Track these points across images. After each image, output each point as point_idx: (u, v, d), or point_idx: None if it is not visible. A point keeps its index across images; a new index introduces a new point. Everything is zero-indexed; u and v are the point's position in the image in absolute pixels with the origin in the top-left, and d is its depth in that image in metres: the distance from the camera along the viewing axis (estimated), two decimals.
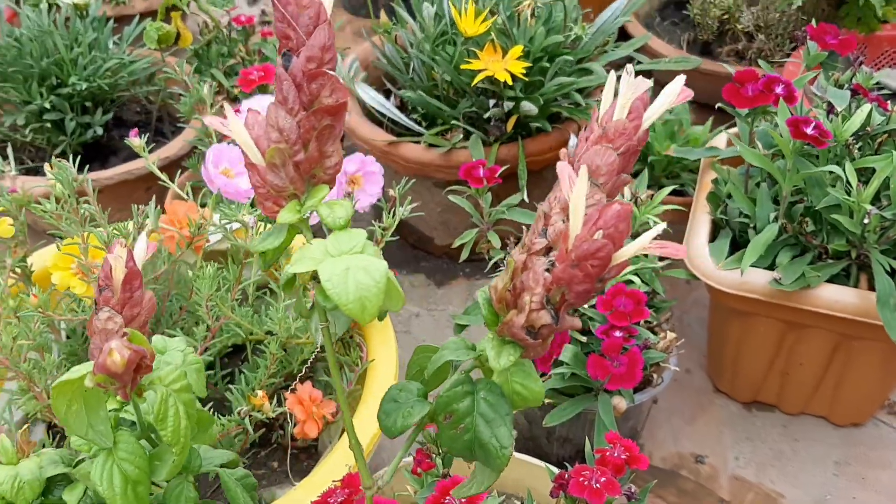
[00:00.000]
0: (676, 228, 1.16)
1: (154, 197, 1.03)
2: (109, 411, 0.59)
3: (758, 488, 1.09)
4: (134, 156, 1.43)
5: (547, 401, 0.99)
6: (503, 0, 1.23)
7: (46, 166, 1.01)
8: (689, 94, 0.50)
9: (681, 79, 0.49)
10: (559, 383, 0.97)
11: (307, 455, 1.03)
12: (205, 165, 1.06)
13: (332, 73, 0.52)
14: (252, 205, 1.00)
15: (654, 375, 1.02)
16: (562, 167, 0.49)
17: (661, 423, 1.18)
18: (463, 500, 0.76)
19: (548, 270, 0.49)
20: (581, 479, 0.75)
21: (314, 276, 0.55)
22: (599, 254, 0.46)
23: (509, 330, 0.52)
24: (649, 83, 0.49)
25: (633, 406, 1.03)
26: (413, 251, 1.48)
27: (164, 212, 1.00)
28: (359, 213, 1.18)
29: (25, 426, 0.86)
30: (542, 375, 0.99)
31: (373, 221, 0.98)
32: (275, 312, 0.95)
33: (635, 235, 1.10)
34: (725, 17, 1.72)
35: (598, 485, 0.74)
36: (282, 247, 0.55)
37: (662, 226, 0.50)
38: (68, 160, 0.99)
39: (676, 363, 1.03)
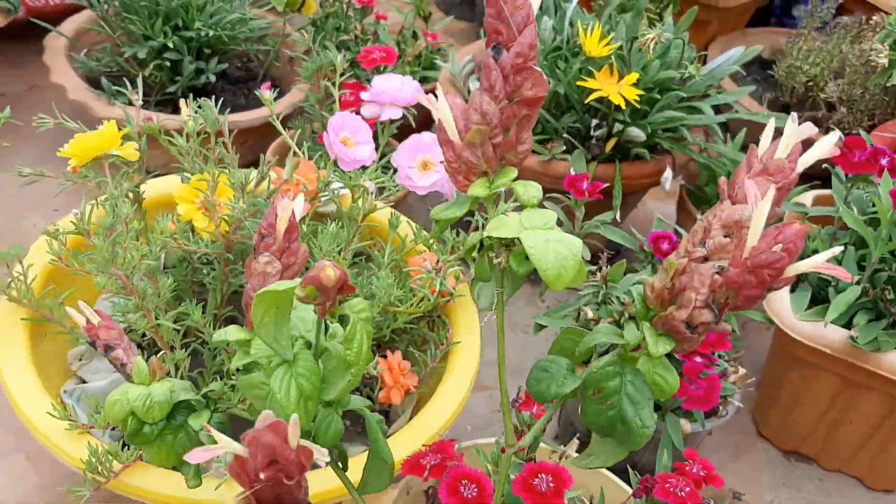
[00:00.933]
0: None
1: (280, 149, 1.07)
2: None
3: None
4: (234, 109, 1.47)
5: None
6: (626, 26, 1.28)
7: (182, 102, 1.06)
8: (837, 151, 0.55)
9: (835, 135, 0.55)
10: None
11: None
12: (327, 131, 1.10)
13: (537, 68, 0.57)
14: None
15: (720, 407, 1.06)
16: (749, 185, 0.54)
17: (706, 454, 1.22)
18: (551, 487, 0.80)
19: (717, 274, 0.54)
20: (667, 485, 0.80)
21: (505, 245, 0.60)
22: (776, 264, 0.52)
23: (668, 323, 0.57)
24: (815, 129, 0.54)
25: (693, 432, 1.08)
26: None
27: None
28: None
29: (162, 353, 0.90)
30: None
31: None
32: (381, 280, 0.99)
33: None
34: (810, 83, 1.78)
35: (682, 493, 0.79)
36: (456, 217, 0.60)
37: (838, 249, 0.55)
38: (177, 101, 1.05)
39: (740, 399, 1.08)
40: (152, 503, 0.85)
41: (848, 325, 1.08)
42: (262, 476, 0.47)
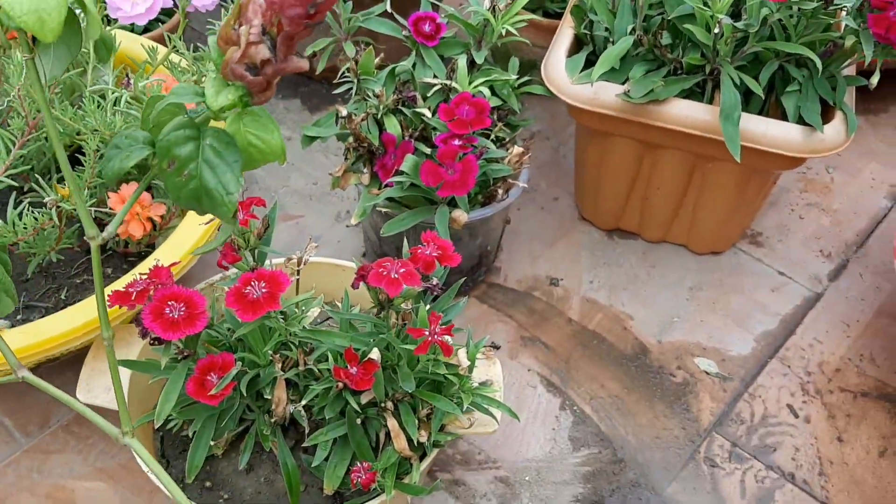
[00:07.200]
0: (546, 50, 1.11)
1: None
2: None
3: (607, 310, 1.10)
4: None
5: (385, 211, 0.97)
6: None
7: None
8: None
9: None
10: (398, 193, 0.95)
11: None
12: None
13: None
14: None
15: (500, 191, 0.99)
16: None
17: (520, 246, 1.17)
18: (264, 293, 0.74)
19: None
20: (381, 270, 0.73)
21: None
22: None
23: (231, 69, 0.49)
24: None
25: (481, 223, 1.02)
26: (294, 77, 1.43)
27: None
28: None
29: None
30: (384, 186, 0.97)
31: None
32: (93, 107, 0.90)
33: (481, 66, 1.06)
34: None
35: (396, 275, 0.73)
36: None
37: None
38: None
39: (527, 179, 1.01)
40: None
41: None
42: None
